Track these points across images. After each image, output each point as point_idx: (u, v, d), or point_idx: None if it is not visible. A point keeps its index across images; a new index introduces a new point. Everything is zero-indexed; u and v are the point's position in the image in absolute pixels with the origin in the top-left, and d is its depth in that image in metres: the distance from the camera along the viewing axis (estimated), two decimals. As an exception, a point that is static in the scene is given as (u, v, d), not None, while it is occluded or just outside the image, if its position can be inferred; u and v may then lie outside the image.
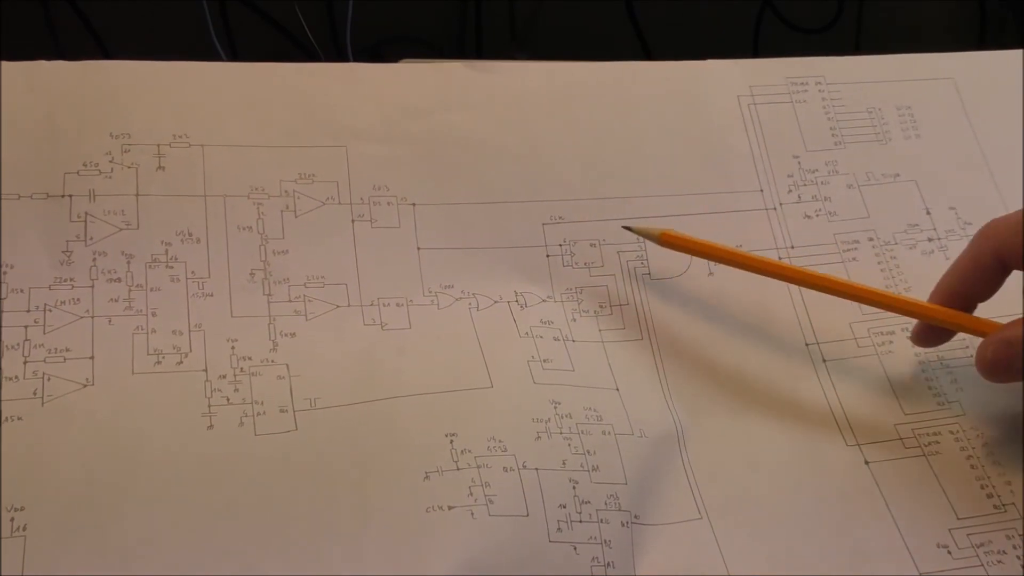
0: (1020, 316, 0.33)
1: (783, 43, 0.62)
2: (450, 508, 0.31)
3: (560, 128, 0.40)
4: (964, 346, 0.38)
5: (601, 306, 0.38)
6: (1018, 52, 0.45)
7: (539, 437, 0.33)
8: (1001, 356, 0.33)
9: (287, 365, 0.34)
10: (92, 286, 0.34)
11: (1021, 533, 0.34)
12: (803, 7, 0.62)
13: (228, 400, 0.33)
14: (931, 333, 0.36)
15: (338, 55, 0.58)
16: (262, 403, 0.33)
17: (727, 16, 0.62)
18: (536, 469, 0.32)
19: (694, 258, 0.39)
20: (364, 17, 0.57)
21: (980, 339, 0.35)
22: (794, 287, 0.39)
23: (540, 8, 0.60)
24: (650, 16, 0.60)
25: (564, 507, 0.32)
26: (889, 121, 0.43)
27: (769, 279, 0.37)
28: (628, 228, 0.38)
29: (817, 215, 0.41)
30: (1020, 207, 0.42)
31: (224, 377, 0.33)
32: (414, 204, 0.38)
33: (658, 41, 0.60)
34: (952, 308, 0.35)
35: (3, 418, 0.31)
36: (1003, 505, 0.34)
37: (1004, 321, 0.34)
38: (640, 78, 0.42)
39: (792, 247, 0.40)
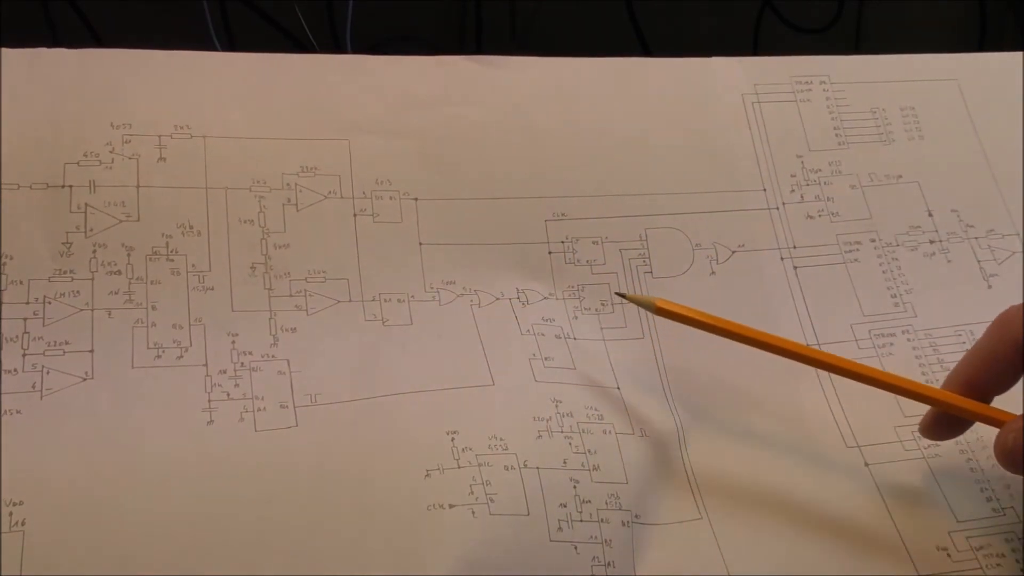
0: None
1: (783, 43, 0.62)
2: (451, 506, 0.31)
3: (564, 124, 0.40)
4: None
5: (603, 304, 0.38)
6: (1021, 55, 0.45)
7: (540, 436, 0.33)
8: None
9: (288, 360, 0.34)
10: (92, 278, 0.33)
11: (1020, 536, 0.34)
12: (803, 7, 0.62)
13: (228, 395, 0.32)
14: (944, 424, 0.33)
15: (338, 55, 0.58)
16: (262, 399, 0.32)
17: (727, 16, 0.62)
18: (537, 468, 0.32)
19: (696, 257, 0.39)
20: (364, 17, 0.56)
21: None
22: (795, 289, 0.39)
23: (540, 8, 0.60)
24: (650, 16, 0.60)
25: (565, 506, 0.32)
26: (892, 122, 0.43)
27: (771, 281, 0.37)
28: (621, 295, 0.36)
29: (819, 215, 0.41)
30: (1020, 208, 0.42)
31: (224, 372, 0.33)
32: (416, 199, 0.38)
33: (658, 41, 0.60)
34: (968, 398, 0.32)
35: (2, 411, 0.30)
36: (1002, 508, 0.35)
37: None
38: (645, 75, 0.42)
39: (794, 247, 0.40)
